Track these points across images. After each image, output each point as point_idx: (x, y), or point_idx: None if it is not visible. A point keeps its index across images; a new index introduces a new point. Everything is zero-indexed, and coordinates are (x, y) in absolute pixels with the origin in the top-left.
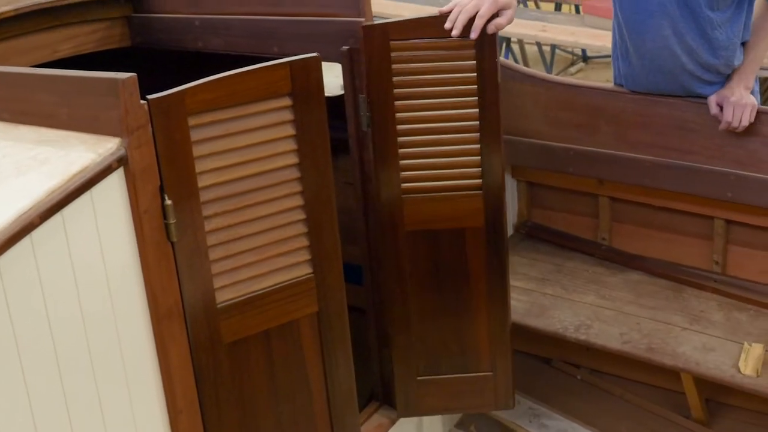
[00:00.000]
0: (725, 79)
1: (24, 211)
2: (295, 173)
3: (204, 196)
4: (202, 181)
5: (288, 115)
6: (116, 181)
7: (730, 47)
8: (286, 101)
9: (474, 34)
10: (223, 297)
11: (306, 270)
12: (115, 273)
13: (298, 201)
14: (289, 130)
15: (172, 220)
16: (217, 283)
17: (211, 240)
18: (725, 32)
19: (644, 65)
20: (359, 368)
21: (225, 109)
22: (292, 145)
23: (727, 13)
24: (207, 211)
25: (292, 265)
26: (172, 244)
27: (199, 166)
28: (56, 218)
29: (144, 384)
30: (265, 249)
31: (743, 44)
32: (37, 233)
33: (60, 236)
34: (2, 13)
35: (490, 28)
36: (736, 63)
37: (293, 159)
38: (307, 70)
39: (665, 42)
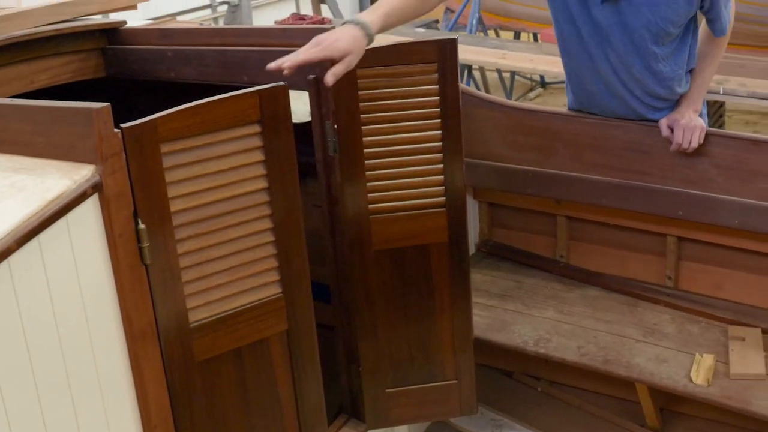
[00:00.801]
0: (674, 103)
1: (1, 237)
2: (264, 197)
3: (176, 220)
4: (175, 206)
5: (257, 142)
6: (91, 207)
7: (675, 78)
8: (256, 128)
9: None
10: (195, 317)
11: (275, 290)
12: (91, 295)
13: (268, 224)
14: (259, 156)
15: (145, 244)
16: (190, 303)
17: (183, 262)
18: (669, 65)
19: (598, 91)
20: (328, 383)
21: (196, 136)
22: (261, 170)
23: (671, 47)
24: (179, 234)
25: (263, 285)
26: (146, 266)
27: (172, 192)
28: (33, 243)
29: (119, 402)
30: (235, 270)
31: (690, 71)
32: (14, 258)
33: (37, 261)
34: None
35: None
36: (681, 91)
37: (262, 183)
38: (275, 99)
39: (614, 71)
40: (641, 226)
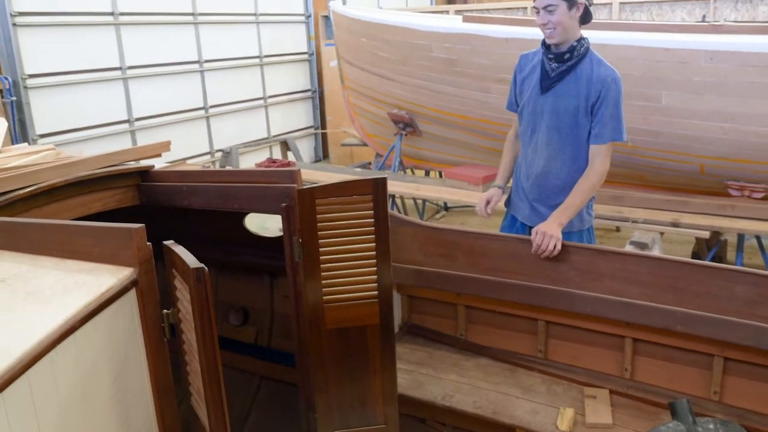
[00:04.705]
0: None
1: (69, 318)
2: None
3: None
4: None
5: None
6: (131, 298)
7: (568, 181)
8: None
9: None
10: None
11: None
12: (129, 361)
13: None
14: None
15: (166, 324)
16: None
17: None
18: (567, 166)
19: (521, 187)
20: (292, 427)
21: None
22: None
23: (572, 148)
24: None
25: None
26: (168, 341)
27: None
28: (91, 323)
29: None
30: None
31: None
32: (78, 333)
33: (93, 334)
34: (57, 183)
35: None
36: (563, 198)
37: None
38: None
39: (534, 160)
40: (519, 313)
